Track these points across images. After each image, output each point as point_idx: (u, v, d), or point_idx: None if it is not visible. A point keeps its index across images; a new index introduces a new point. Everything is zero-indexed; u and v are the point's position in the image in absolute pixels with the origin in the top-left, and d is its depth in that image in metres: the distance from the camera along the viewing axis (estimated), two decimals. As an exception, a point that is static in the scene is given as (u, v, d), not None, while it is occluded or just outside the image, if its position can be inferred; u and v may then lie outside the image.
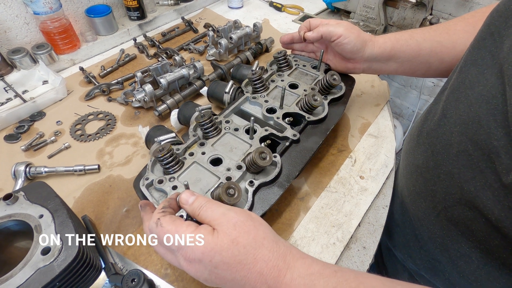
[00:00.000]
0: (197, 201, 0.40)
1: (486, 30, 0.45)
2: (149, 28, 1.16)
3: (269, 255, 0.35)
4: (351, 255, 0.56)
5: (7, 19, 0.88)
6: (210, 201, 0.40)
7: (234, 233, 0.35)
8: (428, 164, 0.52)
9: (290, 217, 0.60)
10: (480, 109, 0.42)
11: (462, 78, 0.47)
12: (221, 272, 0.35)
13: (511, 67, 0.37)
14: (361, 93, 0.88)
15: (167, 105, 0.78)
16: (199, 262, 0.35)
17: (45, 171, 0.64)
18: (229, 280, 0.35)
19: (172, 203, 0.42)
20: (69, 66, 0.98)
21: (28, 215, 0.43)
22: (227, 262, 0.34)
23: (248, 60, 0.97)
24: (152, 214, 0.40)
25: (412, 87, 2.30)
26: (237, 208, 0.39)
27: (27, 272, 0.37)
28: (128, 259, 0.53)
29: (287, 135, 0.59)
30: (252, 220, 0.38)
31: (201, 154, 0.55)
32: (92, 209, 0.60)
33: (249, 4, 1.37)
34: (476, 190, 0.42)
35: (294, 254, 0.37)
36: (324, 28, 0.66)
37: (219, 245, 0.35)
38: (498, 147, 0.38)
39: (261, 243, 0.36)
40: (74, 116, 0.80)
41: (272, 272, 0.34)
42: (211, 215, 0.38)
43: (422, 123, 0.57)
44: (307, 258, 0.37)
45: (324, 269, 0.35)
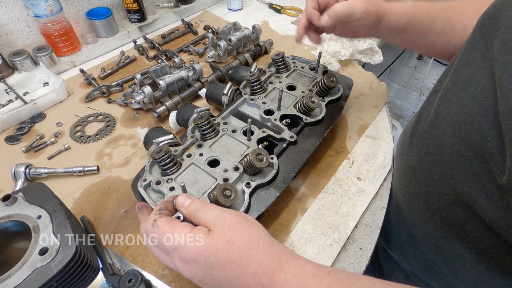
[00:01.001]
0: (193, 204, 0.40)
1: (477, 32, 0.45)
2: (149, 30, 1.17)
3: (263, 256, 0.35)
4: (347, 256, 0.56)
5: (9, 21, 0.89)
6: (206, 204, 0.40)
7: (229, 233, 0.36)
8: (422, 165, 0.52)
9: (287, 218, 0.60)
10: (473, 110, 0.42)
11: (454, 80, 0.48)
12: (216, 273, 0.35)
13: (501, 68, 0.38)
14: (359, 94, 0.88)
15: (166, 106, 0.79)
16: (194, 262, 0.35)
17: (44, 172, 0.65)
18: (223, 281, 0.35)
19: (169, 206, 0.42)
20: (69, 68, 0.99)
21: (26, 215, 0.44)
22: (221, 262, 0.35)
23: (247, 62, 0.97)
24: (149, 216, 0.40)
25: (413, 88, 2.30)
26: (232, 210, 0.40)
27: (24, 272, 0.38)
28: (126, 259, 0.53)
29: (284, 136, 0.60)
30: (247, 221, 0.38)
31: (198, 156, 0.56)
32: (91, 210, 0.61)
33: (249, 6, 1.38)
34: (470, 191, 0.42)
35: (288, 255, 0.37)
36: (341, 9, 0.57)
37: (214, 245, 0.35)
38: (491, 148, 0.39)
39: (255, 244, 0.36)
40: (74, 118, 0.81)
41: (266, 272, 0.35)
42: (207, 216, 0.38)
43: (415, 124, 0.57)
44: (301, 259, 0.37)
45: (317, 270, 0.35)
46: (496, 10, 0.42)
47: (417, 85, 2.25)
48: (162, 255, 0.39)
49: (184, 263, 0.36)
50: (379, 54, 1.00)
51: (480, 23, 0.46)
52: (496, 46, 0.40)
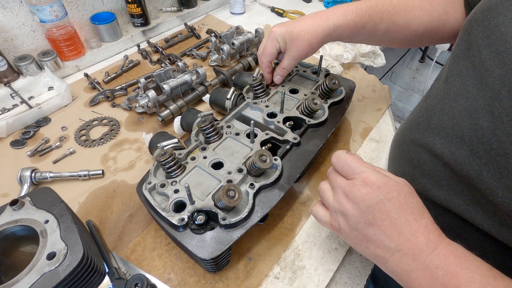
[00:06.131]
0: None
1: (466, 39, 0.45)
2: (152, 35, 1.18)
3: (433, 223, 0.37)
4: (353, 260, 0.56)
5: (14, 27, 0.90)
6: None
7: (411, 189, 0.39)
8: (414, 173, 0.51)
9: (292, 222, 0.60)
10: (463, 123, 0.42)
11: (447, 89, 0.47)
12: (390, 207, 0.36)
13: (499, 82, 0.37)
14: (362, 97, 0.88)
15: (170, 110, 0.79)
16: (376, 189, 0.37)
17: (50, 176, 0.65)
18: (391, 217, 0.36)
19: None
20: (74, 72, 1.00)
21: (34, 220, 0.44)
22: (401, 201, 0.37)
23: (250, 66, 0.98)
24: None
25: (415, 91, 2.30)
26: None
27: (33, 277, 0.38)
28: (132, 263, 0.53)
29: (287, 138, 0.60)
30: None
31: (202, 158, 0.56)
32: (96, 214, 0.61)
33: (251, 10, 1.39)
34: (465, 204, 0.42)
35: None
36: (288, 64, 0.66)
37: (400, 187, 0.38)
38: (480, 165, 0.39)
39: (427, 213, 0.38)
40: (78, 122, 0.81)
41: (436, 230, 0.36)
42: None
43: (405, 131, 0.57)
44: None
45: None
46: (483, 17, 0.42)
47: (419, 88, 2.25)
48: (337, 177, 0.42)
49: (365, 185, 0.38)
50: (381, 57, 1.00)
51: (467, 29, 0.45)
52: (487, 56, 0.39)
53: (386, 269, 0.39)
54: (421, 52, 2.03)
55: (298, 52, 0.63)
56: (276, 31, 0.63)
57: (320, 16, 0.61)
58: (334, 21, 0.60)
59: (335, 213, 0.42)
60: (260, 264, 0.54)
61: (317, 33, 0.60)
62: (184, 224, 0.46)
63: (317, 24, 0.60)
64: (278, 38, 0.63)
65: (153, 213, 0.49)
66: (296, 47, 0.62)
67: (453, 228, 0.45)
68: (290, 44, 0.63)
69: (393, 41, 0.67)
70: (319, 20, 0.61)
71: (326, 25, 0.60)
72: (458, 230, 0.45)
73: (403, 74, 2.29)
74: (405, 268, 0.36)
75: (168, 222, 0.47)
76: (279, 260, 0.54)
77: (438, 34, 0.62)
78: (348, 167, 0.41)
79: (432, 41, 0.67)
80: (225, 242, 0.46)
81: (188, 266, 0.53)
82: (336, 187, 0.42)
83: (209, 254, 0.44)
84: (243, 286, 0.51)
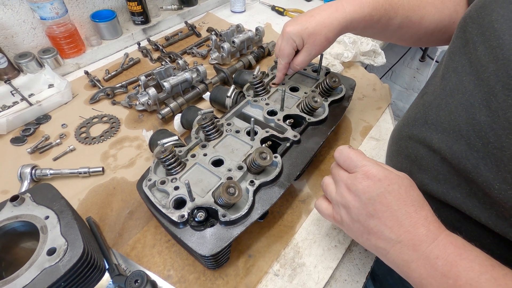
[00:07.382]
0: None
1: (461, 36, 0.45)
2: (153, 33, 1.18)
3: (434, 215, 0.38)
4: (352, 258, 0.56)
5: (15, 24, 0.90)
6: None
7: (413, 183, 0.40)
8: (412, 168, 0.52)
9: (291, 219, 0.60)
10: (460, 118, 0.42)
11: (444, 85, 0.47)
12: (391, 199, 0.37)
13: (494, 77, 0.37)
14: (362, 96, 0.88)
15: (170, 108, 0.79)
16: (377, 181, 0.38)
17: (50, 173, 0.65)
18: (391, 209, 0.37)
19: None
20: (74, 70, 1.00)
21: (34, 216, 0.44)
22: (401, 193, 0.38)
23: (251, 64, 0.98)
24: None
25: (415, 90, 2.29)
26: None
27: (33, 272, 0.38)
28: (132, 260, 0.54)
29: (288, 136, 0.60)
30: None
31: (202, 156, 0.56)
32: (97, 211, 0.61)
33: (252, 9, 1.38)
34: (463, 197, 0.42)
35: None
36: (303, 60, 0.64)
37: (401, 180, 0.39)
38: (478, 159, 0.39)
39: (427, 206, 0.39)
40: (79, 119, 0.81)
41: (436, 222, 0.37)
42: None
43: (402, 127, 0.57)
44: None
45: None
46: (478, 14, 0.42)
47: (419, 87, 2.25)
48: (339, 171, 0.43)
49: (366, 178, 0.39)
50: (381, 56, 1.00)
51: (462, 26, 0.46)
52: (482, 52, 0.40)
53: (387, 260, 0.39)
54: (422, 51, 2.03)
55: (315, 47, 0.61)
56: (290, 31, 0.60)
57: (336, 7, 0.59)
58: (351, 13, 0.58)
59: (337, 206, 0.43)
60: (260, 261, 0.54)
61: (334, 26, 0.58)
62: (184, 221, 0.46)
63: (334, 17, 0.58)
64: (294, 37, 0.61)
65: (153, 210, 0.50)
66: (313, 42, 0.60)
67: (451, 222, 0.45)
68: (307, 40, 0.61)
69: (402, 38, 0.66)
70: (335, 12, 0.59)
71: (343, 17, 0.58)
72: (457, 223, 0.45)
73: (404, 73, 2.29)
74: (405, 258, 0.36)
75: (168, 219, 0.47)
76: (279, 257, 0.55)
77: (447, 33, 0.62)
78: (350, 161, 0.42)
79: (441, 41, 0.66)
80: (225, 239, 0.46)
81: (188, 263, 0.53)
82: (339, 181, 0.43)
83: (209, 250, 0.45)
84: (242, 283, 0.51)
